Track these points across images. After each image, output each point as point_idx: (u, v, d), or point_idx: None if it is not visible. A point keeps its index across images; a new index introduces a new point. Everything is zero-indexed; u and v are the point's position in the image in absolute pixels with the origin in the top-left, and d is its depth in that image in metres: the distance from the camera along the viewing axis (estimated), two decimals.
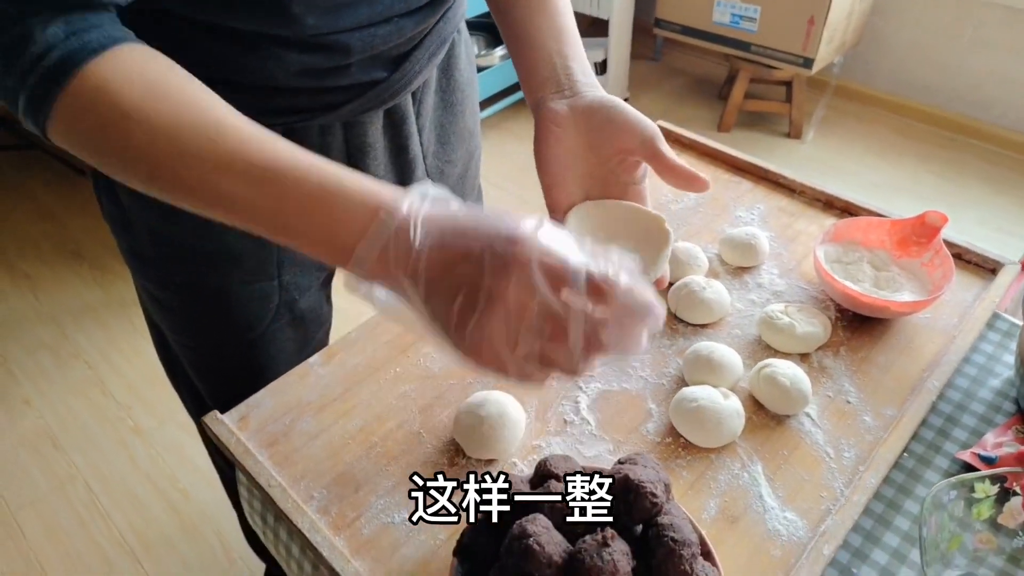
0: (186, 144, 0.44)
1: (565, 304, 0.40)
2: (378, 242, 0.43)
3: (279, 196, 0.44)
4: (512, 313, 0.40)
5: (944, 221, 0.74)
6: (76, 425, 1.71)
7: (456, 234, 0.42)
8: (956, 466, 0.62)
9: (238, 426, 0.65)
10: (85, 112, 0.44)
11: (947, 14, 2.50)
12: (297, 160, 0.45)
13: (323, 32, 0.58)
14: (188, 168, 0.45)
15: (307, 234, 0.45)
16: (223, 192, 0.45)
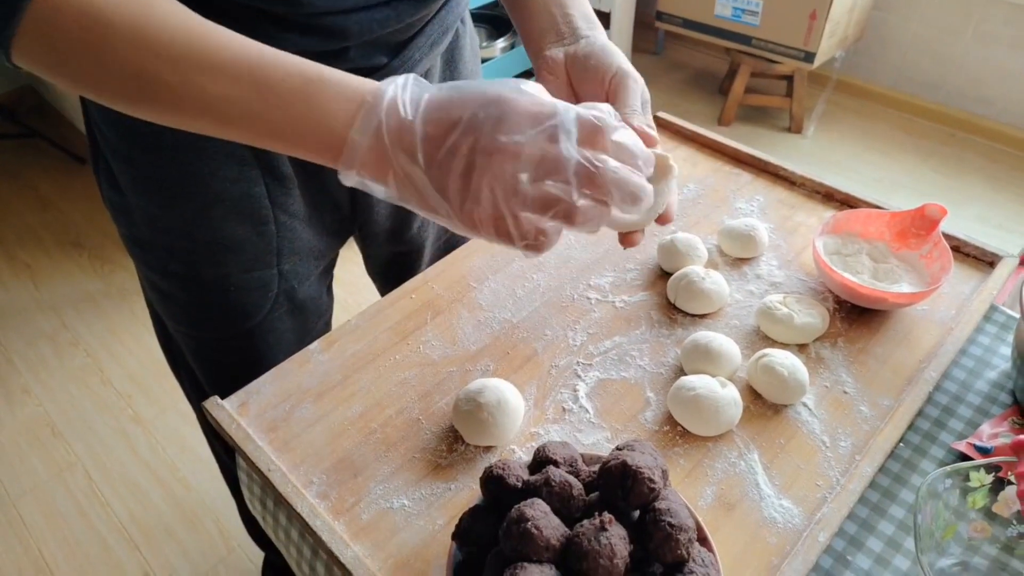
0: (167, 47, 0.43)
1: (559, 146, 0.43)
2: (370, 125, 0.44)
3: (263, 92, 0.45)
4: (509, 163, 0.42)
5: (943, 213, 0.74)
6: (76, 414, 1.71)
7: (444, 104, 0.44)
8: (952, 456, 0.62)
9: (238, 412, 0.65)
10: (57, 19, 0.42)
11: (950, 10, 2.50)
12: (279, 58, 0.46)
13: (320, 12, 0.58)
14: (171, 71, 0.44)
15: (294, 129, 0.45)
16: (207, 93, 0.44)
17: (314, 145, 0.46)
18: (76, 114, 2.58)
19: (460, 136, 0.43)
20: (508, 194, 0.43)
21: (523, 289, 0.78)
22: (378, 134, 0.43)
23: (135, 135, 0.67)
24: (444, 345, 0.72)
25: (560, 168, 0.43)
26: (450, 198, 0.44)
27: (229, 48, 0.45)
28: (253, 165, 0.70)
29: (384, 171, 0.44)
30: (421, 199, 0.45)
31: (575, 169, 0.43)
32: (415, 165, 0.43)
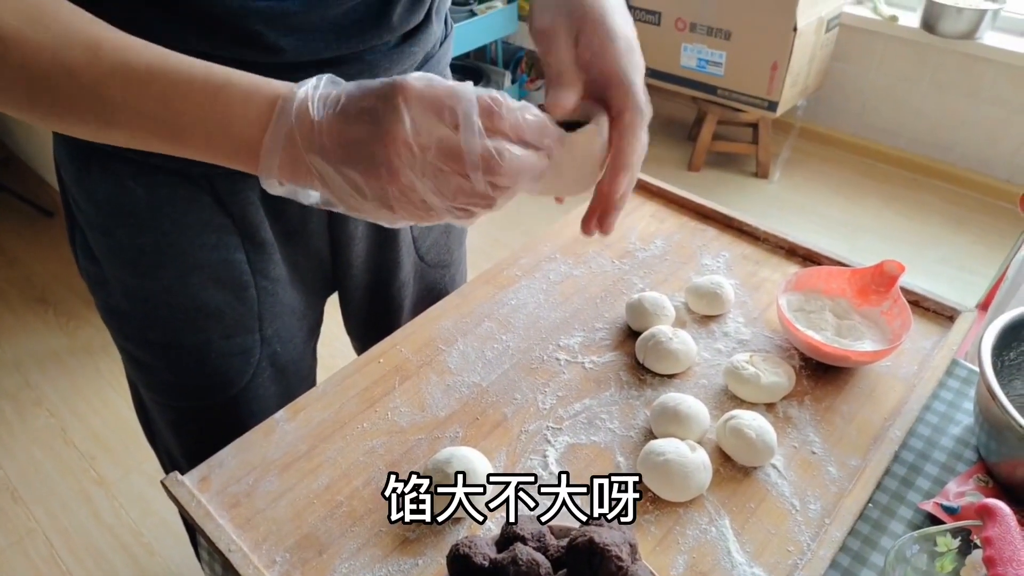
0: (64, 59, 0.43)
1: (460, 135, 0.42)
2: (283, 127, 0.43)
3: (166, 97, 0.44)
4: (413, 152, 0.41)
5: (901, 270, 0.76)
6: (37, 477, 1.66)
7: (348, 100, 0.43)
8: (920, 516, 0.62)
9: (199, 487, 0.63)
10: None
11: (906, 59, 2.60)
12: (182, 61, 0.45)
13: (296, 63, 0.58)
14: (69, 81, 0.43)
15: (203, 134, 0.44)
16: (107, 101, 0.44)
17: (229, 153, 0.45)
18: (44, 167, 2.56)
19: (359, 127, 0.42)
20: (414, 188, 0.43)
21: (492, 351, 0.78)
22: (290, 136, 0.43)
23: (112, 207, 0.66)
24: (413, 411, 0.71)
25: (465, 161, 0.42)
26: (365, 190, 0.43)
27: (128, 54, 0.44)
28: (232, 232, 0.70)
29: (303, 175, 0.44)
30: (342, 199, 0.44)
31: (481, 160, 0.42)
32: (327, 165, 0.43)
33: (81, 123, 0.46)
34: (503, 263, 0.90)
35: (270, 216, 0.72)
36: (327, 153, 0.42)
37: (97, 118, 0.45)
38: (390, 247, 0.84)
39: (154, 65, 0.44)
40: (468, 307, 0.83)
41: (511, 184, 0.44)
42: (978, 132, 2.56)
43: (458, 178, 0.43)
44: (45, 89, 0.44)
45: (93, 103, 0.44)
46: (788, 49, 2.30)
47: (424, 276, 0.92)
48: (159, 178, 0.65)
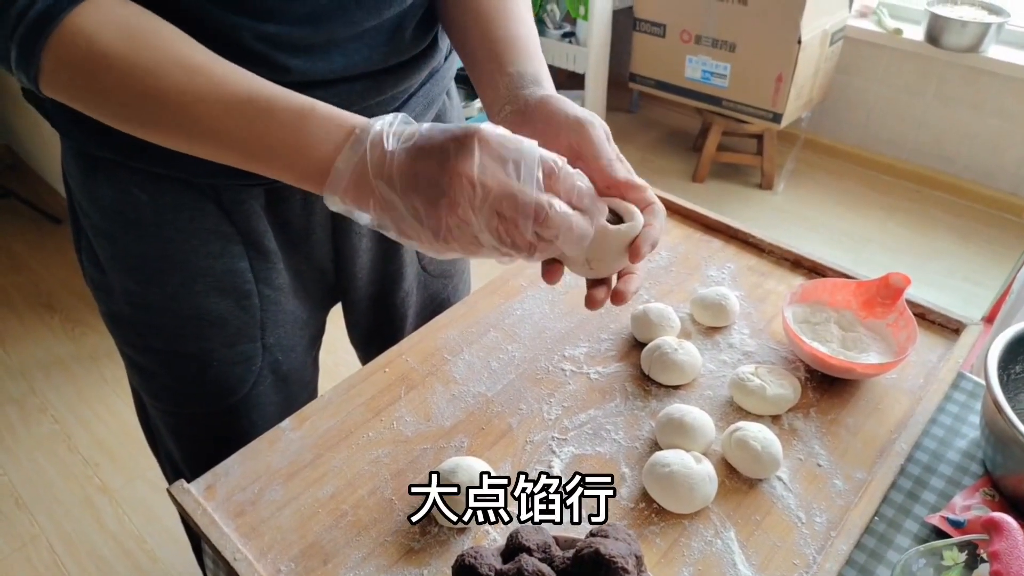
0: (161, 79, 0.48)
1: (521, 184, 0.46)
2: (356, 154, 0.47)
3: (254, 119, 0.48)
4: (475, 190, 0.46)
5: (907, 283, 0.76)
6: (41, 483, 1.66)
7: (423, 137, 0.47)
8: (926, 530, 0.62)
9: (204, 495, 0.63)
10: (68, 57, 0.48)
11: (910, 72, 2.60)
12: (271, 88, 0.50)
13: (301, 82, 0.59)
14: (162, 101, 0.48)
15: (282, 155, 0.49)
16: (197, 122, 0.49)
17: (301, 173, 0.49)
18: (52, 174, 2.58)
19: (428, 161, 0.46)
20: (469, 223, 0.46)
21: (498, 361, 0.78)
22: (361, 162, 0.47)
23: (117, 214, 0.67)
24: (418, 421, 0.71)
25: (518, 206, 0.46)
26: (423, 218, 0.47)
27: (222, 79, 0.49)
28: (236, 241, 0.70)
29: (365, 198, 0.48)
30: (397, 225, 0.48)
31: (533, 208, 0.46)
32: (392, 192, 0.47)
33: (169, 138, 0.51)
34: (508, 273, 0.90)
35: (274, 226, 0.72)
36: (394, 181, 0.47)
37: (185, 136, 0.50)
38: (394, 258, 0.85)
39: (242, 91, 0.49)
40: (474, 317, 0.83)
41: (554, 238, 0.48)
42: (982, 144, 2.56)
43: (508, 222, 0.47)
44: (139, 107, 0.49)
45: (183, 122, 0.49)
46: (792, 61, 2.31)
47: (427, 286, 0.93)
48: (164, 186, 0.66)
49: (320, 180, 0.48)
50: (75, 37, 0.47)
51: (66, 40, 0.47)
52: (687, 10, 2.47)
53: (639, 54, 2.71)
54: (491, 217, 0.46)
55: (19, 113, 2.50)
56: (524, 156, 0.47)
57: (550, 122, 0.55)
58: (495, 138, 0.46)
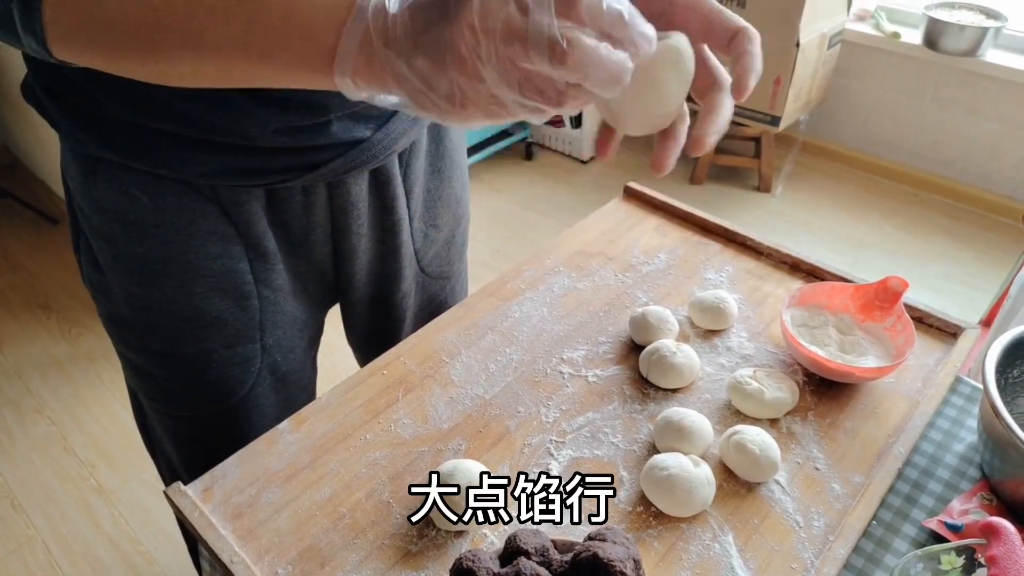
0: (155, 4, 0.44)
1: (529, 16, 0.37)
2: (360, 26, 0.42)
3: (251, 17, 0.44)
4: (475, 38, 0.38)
5: (904, 287, 0.76)
6: (37, 484, 1.65)
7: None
8: (924, 534, 0.62)
9: (202, 498, 0.63)
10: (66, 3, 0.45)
11: (908, 75, 2.61)
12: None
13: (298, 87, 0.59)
14: (164, 22, 0.45)
15: (287, 48, 0.44)
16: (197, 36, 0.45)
17: (313, 62, 0.44)
18: (49, 174, 2.57)
19: (430, 12, 0.40)
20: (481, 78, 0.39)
21: (496, 364, 0.78)
22: (366, 35, 0.42)
23: (117, 215, 0.67)
24: (416, 423, 0.71)
25: (530, 45, 0.37)
26: (430, 85, 0.41)
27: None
28: (236, 242, 0.70)
29: (378, 73, 0.42)
30: (414, 97, 0.42)
31: (547, 46, 0.37)
32: (399, 56, 0.41)
33: (178, 60, 0.47)
34: (507, 275, 0.90)
35: (274, 226, 0.72)
36: (399, 45, 0.41)
37: (191, 52, 0.46)
38: (392, 259, 0.85)
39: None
40: (472, 319, 0.83)
41: (581, 78, 0.39)
42: (980, 148, 2.57)
43: (523, 67, 0.38)
44: (147, 28, 0.45)
45: (185, 37, 0.45)
46: (791, 65, 2.31)
47: (425, 288, 0.93)
48: (165, 187, 0.65)
49: (329, 64, 0.43)
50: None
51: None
52: None
53: None
54: (504, 66, 0.38)
55: (16, 113, 2.50)
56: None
57: None
58: None
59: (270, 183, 0.67)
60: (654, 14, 0.43)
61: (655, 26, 0.40)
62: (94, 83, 0.60)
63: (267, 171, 0.66)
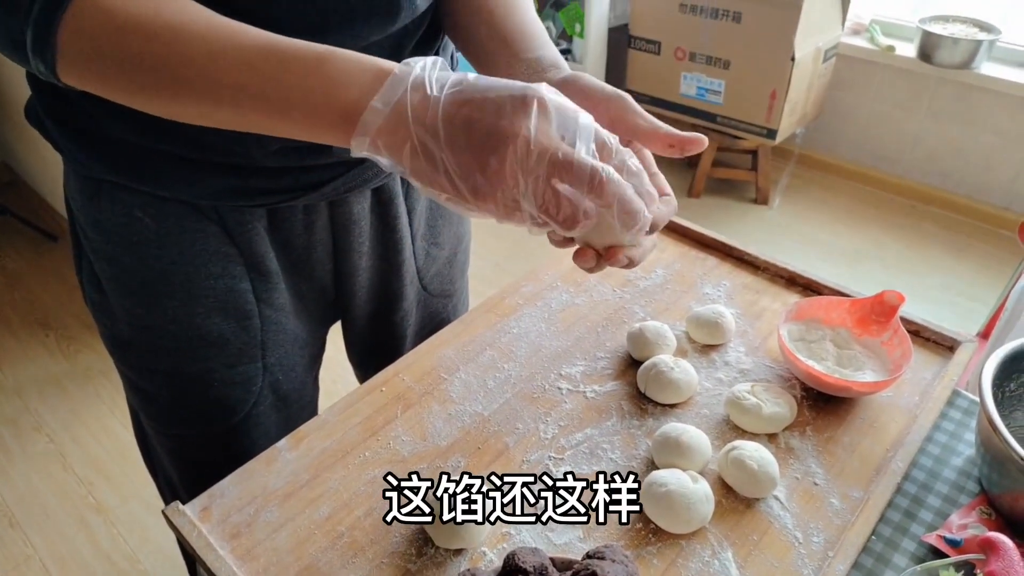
0: (181, 42, 0.46)
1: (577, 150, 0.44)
2: (394, 95, 0.44)
3: (275, 69, 0.46)
4: (530, 150, 0.43)
5: (901, 300, 0.76)
6: (35, 502, 1.65)
7: (471, 88, 0.44)
8: (923, 549, 0.62)
9: (200, 517, 0.63)
10: (89, 26, 0.46)
11: (903, 88, 2.63)
12: (290, 40, 0.47)
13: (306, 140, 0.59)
14: (184, 64, 0.46)
15: (306, 102, 0.46)
16: (217, 82, 0.46)
17: (330, 118, 0.46)
18: (49, 192, 2.58)
19: (481, 114, 0.43)
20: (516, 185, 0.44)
21: (494, 380, 0.78)
22: (400, 104, 0.44)
23: (119, 236, 0.67)
24: (414, 440, 0.71)
25: (575, 171, 0.44)
26: (462, 174, 0.44)
27: (239, 35, 0.47)
28: (238, 262, 0.70)
29: (400, 141, 0.44)
30: (432, 173, 0.45)
31: (589, 175, 0.44)
32: (433, 138, 0.44)
33: (191, 104, 0.48)
34: (505, 291, 0.90)
35: (276, 246, 0.73)
36: (438, 129, 0.44)
37: (207, 98, 0.47)
38: (394, 277, 0.85)
39: (262, 42, 0.46)
40: (470, 335, 0.84)
41: (606, 206, 0.45)
42: (976, 160, 2.58)
43: (557, 188, 0.44)
44: (165, 70, 0.47)
45: (204, 84, 0.47)
46: (786, 78, 2.33)
47: (427, 305, 0.93)
48: (167, 208, 0.66)
49: (348, 124, 0.45)
50: (92, 10, 0.45)
51: (83, 13, 0.45)
52: (681, 28, 2.49)
53: (634, 71, 2.73)
54: (538, 181, 0.44)
55: (16, 130, 2.51)
56: (580, 124, 0.45)
57: (586, 96, 0.54)
58: (553, 102, 0.44)
59: (272, 203, 0.68)
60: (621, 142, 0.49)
61: None
62: (97, 106, 0.60)
63: (269, 191, 0.66)
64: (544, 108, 0.43)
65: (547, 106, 0.44)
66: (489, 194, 0.44)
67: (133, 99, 0.49)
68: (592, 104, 0.53)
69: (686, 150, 0.52)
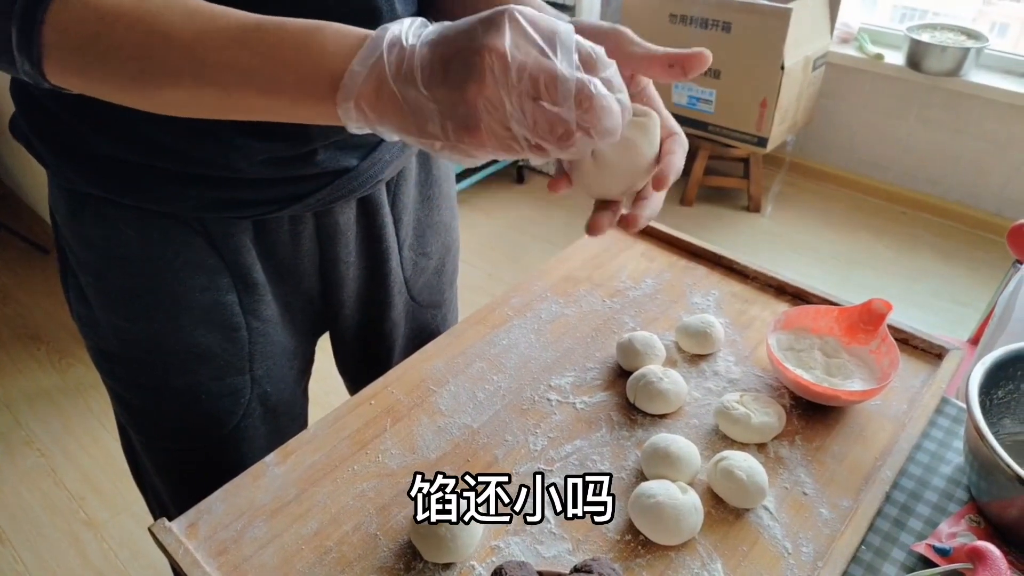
0: (163, 25, 0.45)
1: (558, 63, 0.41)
2: (372, 55, 0.43)
3: (260, 47, 0.45)
4: (509, 66, 0.41)
5: (888, 309, 0.76)
6: (25, 518, 1.63)
7: (446, 27, 0.43)
8: (913, 558, 0.62)
9: (187, 534, 0.63)
10: (72, 18, 0.45)
11: (892, 96, 2.64)
12: (274, 17, 0.46)
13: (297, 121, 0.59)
14: (167, 45, 0.45)
15: (293, 74, 0.45)
16: (203, 60, 0.45)
17: (318, 91, 0.45)
18: (40, 204, 2.57)
19: (455, 45, 0.42)
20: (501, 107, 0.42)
21: (483, 392, 0.78)
22: (378, 64, 0.43)
23: (105, 250, 0.67)
24: (403, 453, 0.71)
25: (559, 85, 0.42)
26: (446, 111, 0.43)
27: (223, 15, 0.46)
28: (224, 274, 0.70)
29: (384, 100, 0.44)
30: (419, 123, 0.44)
31: (576, 88, 0.42)
32: (413, 87, 0.43)
33: (176, 86, 0.47)
34: (495, 303, 0.90)
35: (262, 257, 0.73)
36: (415, 74, 0.42)
37: (193, 81, 0.46)
38: (381, 287, 0.85)
39: (247, 22, 0.46)
40: (459, 347, 0.83)
41: (594, 123, 0.43)
42: (965, 166, 2.60)
43: (544, 106, 0.42)
44: (149, 56, 0.46)
45: (189, 63, 0.46)
46: (776, 87, 2.34)
47: (416, 316, 0.93)
48: (152, 222, 0.66)
49: (335, 93, 0.44)
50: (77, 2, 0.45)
51: (69, 3, 0.45)
52: (672, 38, 2.51)
53: None
54: (525, 100, 0.42)
55: (6, 143, 2.50)
56: (560, 35, 0.42)
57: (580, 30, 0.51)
58: (527, 15, 0.42)
59: (257, 214, 0.68)
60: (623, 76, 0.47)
61: None
62: (81, 120, 0.60)
63: (254, 202, 0.66)
64: (516, 23, 0.42)
65: (519, 21, 0.42)
66: (477, 126, 0.42)
67: (117, 92, 0.48)
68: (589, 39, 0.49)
69: (688, 68, 0.49)
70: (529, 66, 0.41)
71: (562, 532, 0.64)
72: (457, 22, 0.44)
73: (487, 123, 0.42)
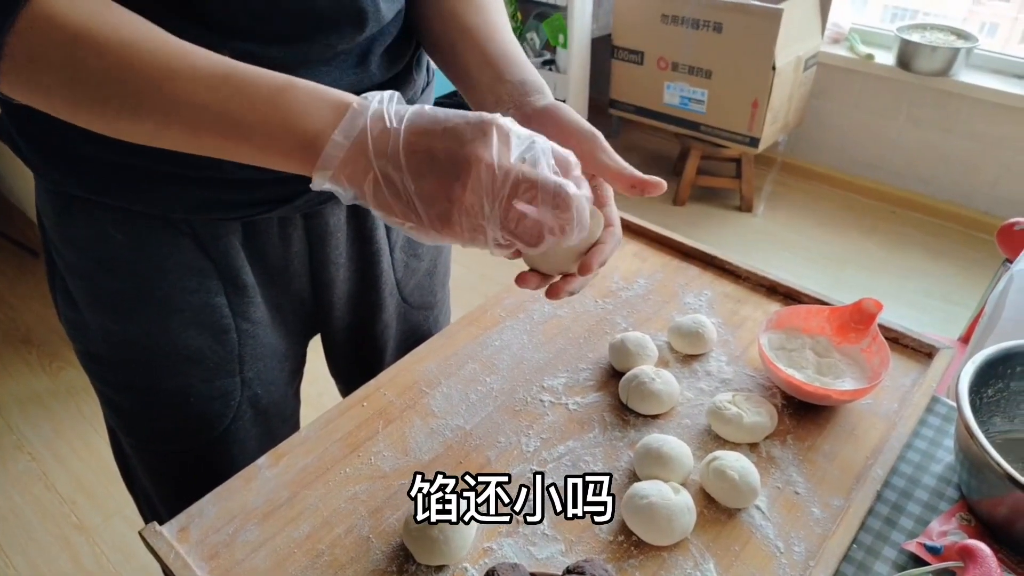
0: (134, 57, 0.45)
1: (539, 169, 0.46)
2: (354, 128, 0.45)
3: (233, 93, 0.46)
4: (495, 173, 0.45)
5: (879, 308, 0.77)
6: (16, 523, 1.62)
7: (429, 118, 0.46)
8: (904, 557, 0.62)
9: (177, 538, 0.62)
10: (36, 42, 0.45)
11: (882, 96, 2.66)
12: (248, 67, 0.47)
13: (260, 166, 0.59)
14: (135, 78, 0.46)
15: (265, 131, 0.46)
16: (171, 98, 0.46)
17: (287, 147, 0.47)
18: (30, 206, 2.54)
19: (442, 143, 0.45)
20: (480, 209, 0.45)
21: (476, 394, 0.78)
22: (361, 137, 0.45)
23: (92, 252, 0.67)
24: (396, 455, 0.71)
25: (539, 188, 0.46)
26: (427, 202, 0.45)
27: (194, 55, 0.47)
28: (213, 276, 0.70)
29: (361, 175, 0.46)
30: (395, 204, 0.46)
31: (554, 190, 0.46)
32: (396, 168, 0.45)
33: (142, 119, 0.47)
34: (487, 304, 0.90)
35: (251, 259, 0.72)
36: (400, 160, 0.45)
37: (162, 116, 0.47)
38: (372, 289, 0.84)
39: (218, 68, 0.47)
40: (452, 349, 0.83)
41: (568, 222, 0.47)
42: (955, 165, 2.61)
43: (522, 208, 0.46)
44: (116, 85, 0.46)
45: (160, 100, 0.46)
46: (768, 87, 2.35)
47: (408, 317, 0.93)
48: (140, 223, 0.65)
49: (307, 156, 0.46)
50: (44, 21, 0.44)
51: (38, 21, 0.44)
52: (664, 38, 2.51)
53: (618, 81, 2.74)
54: (502, 203, 0.46)
55: None
56: (536, 146, 0.47)
57: (561, 128, 0.57)
58: (509, 126, 0.46)
59: (246, 216, 0.67)
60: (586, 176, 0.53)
61: None
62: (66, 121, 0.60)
63: (242, 204, 0.66)
64: (503, 133, 0.45)
65: (503, 129, 0.45)
66: (455, 220, 0.46)
67: (77, 114, 0.48)
68: (565, 137, 0.55)
69: (646, 192, 0.55)
70: (513, 173, 0.45)
71: (555, 533, 0.64)
72: (439, 113, 0.47)
73: (463, 220, 0.46)
